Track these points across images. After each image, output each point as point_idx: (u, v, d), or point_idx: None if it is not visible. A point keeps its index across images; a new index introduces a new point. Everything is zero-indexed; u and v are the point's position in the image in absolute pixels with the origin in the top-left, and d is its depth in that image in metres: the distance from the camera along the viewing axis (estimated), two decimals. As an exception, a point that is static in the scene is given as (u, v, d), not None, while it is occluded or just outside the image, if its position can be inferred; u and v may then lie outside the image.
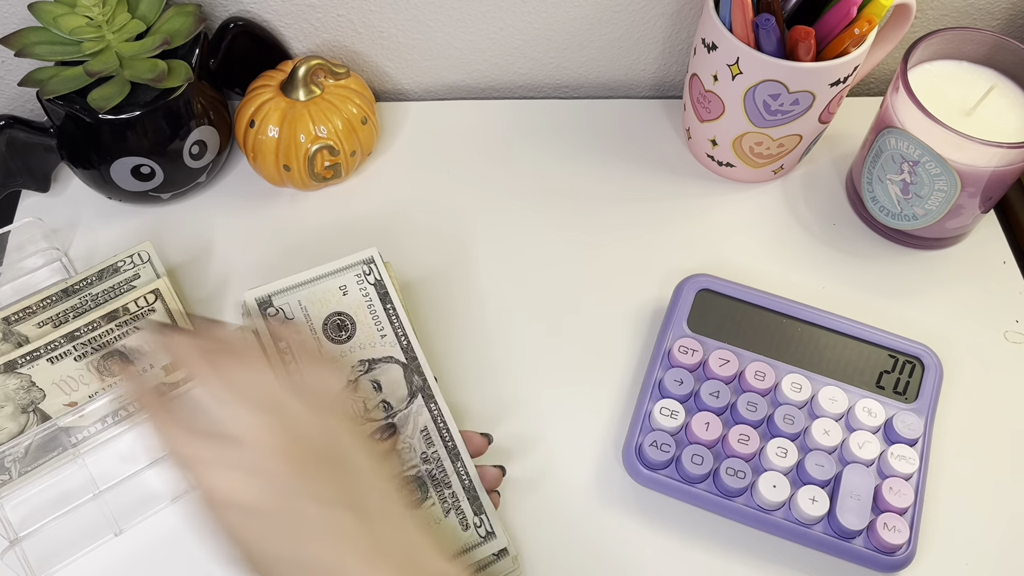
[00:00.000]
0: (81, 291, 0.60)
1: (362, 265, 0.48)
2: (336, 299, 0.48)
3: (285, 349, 0.46)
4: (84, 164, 0.62)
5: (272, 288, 0.47)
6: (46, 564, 0.52)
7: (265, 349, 0.46)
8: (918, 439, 0.54)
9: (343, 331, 0.48)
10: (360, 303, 0.49)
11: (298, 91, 0.63)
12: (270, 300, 0.47)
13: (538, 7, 0.68)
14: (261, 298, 0.47)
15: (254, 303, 0.48)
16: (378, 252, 0.49)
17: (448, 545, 0.48)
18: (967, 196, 0.59)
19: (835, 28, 0.58)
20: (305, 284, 0.48)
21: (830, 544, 0.51)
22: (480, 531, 0.49)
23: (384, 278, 0.48)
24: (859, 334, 0.57)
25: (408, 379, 0.49)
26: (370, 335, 0.48)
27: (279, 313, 0.48)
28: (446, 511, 0.49)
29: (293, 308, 0.47)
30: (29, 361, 0.57)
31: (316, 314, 0.47)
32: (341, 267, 0.48)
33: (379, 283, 0.48)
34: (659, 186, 0.69)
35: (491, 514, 0.49)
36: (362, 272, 0.48)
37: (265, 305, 0.47)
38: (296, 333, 0.48)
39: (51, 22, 0.57)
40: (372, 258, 0.49)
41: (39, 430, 0.54)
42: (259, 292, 0.47)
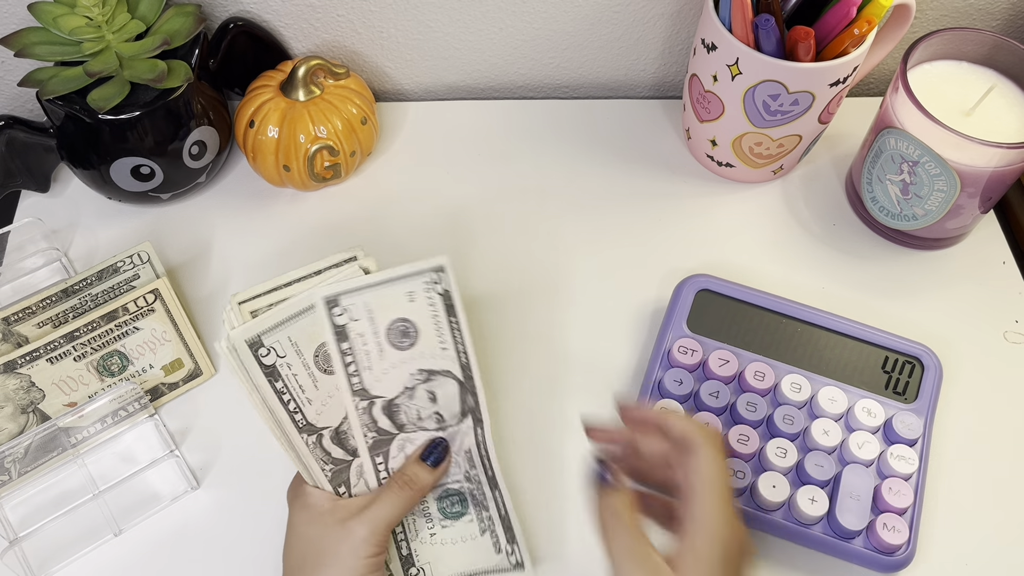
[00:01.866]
0: (81, 291, 0.60)
1: (431, 273, 0.47)
2: (402, 304, 0.47)
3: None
4: (84, 164, 0.62)
5: (342, 288, 0.46)
6: (46, 564, 0.52)
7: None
8: (918, 439, 0.54)
9: (407, 337, 0.47)
10: (425, 311, 0.47)
11: (298, 91, 0.63)
12: (337, 300, 0.46)
13: (538, 7, 0.68)
14: (330, 296, 0.46)
15: (323, 304, 0.46)
16: (449, 261, 0.47)
17: (481, 561, 0.48)
18: (967, 196, 0.59)
19: (835, 28, 0.58)
20: (372, 287, 0.46)
21: (830, 544, 0.51)
22: (511, 558, 0.49)
23: (452, 289, 0.47)
24: (859, 334, 0.57)
25: (463, 398, 0.49)
26: (432, 345, 0.48)
27: (345, 313, 0.46)
28: (482, 530, 0.49)
29: (359, 311, 0.46)
30: (29, 361, 0.57)
31: (381, 318, 0.47)
32: (410, 272, 0.46)
33: (446, 294, 0.47)
34: (659, 186, 0.69)
35: (522, 544, 0.49)
36: (431, 280, 0.47)
37: (332, 304, 0.46)
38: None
39: (51, 22, 0.57)
40: (443, 267, 0.47)
41: (39, 430, 0.54)
42: (328, 291, 0.45)
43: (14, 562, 0.51)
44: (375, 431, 0.48)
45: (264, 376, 0.45)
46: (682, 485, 0.42)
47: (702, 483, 0.41)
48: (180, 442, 0.57)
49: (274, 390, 0.45)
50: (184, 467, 0.55)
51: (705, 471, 0.41)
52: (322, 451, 0.47)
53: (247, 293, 0.48)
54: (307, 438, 0.47)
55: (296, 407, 0.46)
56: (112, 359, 0.58)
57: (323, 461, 0.47)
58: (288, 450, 0.47)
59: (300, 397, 0.46)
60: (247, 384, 0.45)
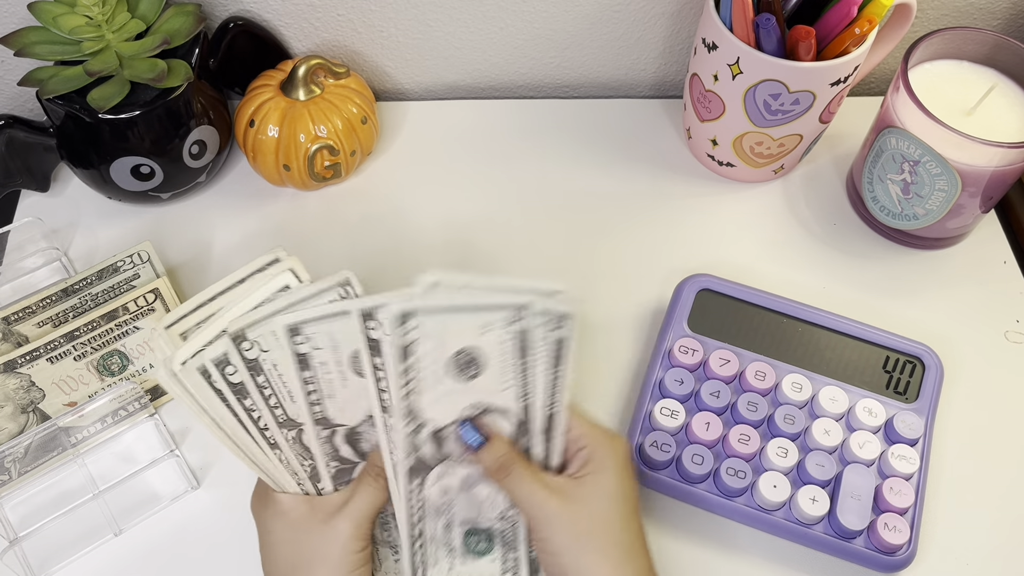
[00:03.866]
0: (81, 291, 0.60)
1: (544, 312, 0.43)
2: (473, 335, 0.44)
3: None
4: (84, 164, 0.62)
5: (415, 305, 0.42)
6: (46, 564, 0.52)
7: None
8: (918, 439, 0.54)
9: (470, 368, 0.45)
10: (496, 346, 0.44)
11: (298, 91, 0.63)
12: (411, 314, 0.43)
13: (538, 7, 0.68)
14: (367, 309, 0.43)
15: (394, 319, 0.42)
16: (570, 308, 0.43)
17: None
18: (967, 196, 0.59)
19: (835, 28, 0.58)
20: (449, 311, 0.43)
21: (830, 544, 0.51)
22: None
23: (570, 337, 0.43)
24: (859, 334, 0.57)
25: (517, 438, 0.46)
26: (495, 383, 0.45)
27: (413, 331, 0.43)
28: (504, 571, 0.47)
29: (427, 331, 0.43)
30: (29, 361, 0.57)
31: (449, 343, 0.44)
32: (510, 303, 0.43)
33: (562, 341, 0.43)
34: (659, 186, 0.69)
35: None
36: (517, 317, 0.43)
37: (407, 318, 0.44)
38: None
39: (51, 22, 0.57)
40: (566, 314, 0.43)
41: (39, 430, 0.54)
42: (401, 306, 0.42)
43: (14, 562, 0.51)
44: (337, 460, 0.47)
45: (218, 399, 0.44)
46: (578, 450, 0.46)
47: (593, 435, 0.45)
48: (180, 442, 0.57)
49: (243, 407, 0.45)
50: (184, 467, 0.55)
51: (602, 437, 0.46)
52: (331, 447, 0.47)
53: (173, 316, 0.46)
54: (279, 452, 0.46)
55: (266, 423, 0.45)
56: (112, 359, 0.58)
57: (329, 457, 0.47)
58: (250, 464, 0.46)
59: (282, 392, 0.45)
60: (198, 409, 0.44)
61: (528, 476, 0.44)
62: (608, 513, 0.43)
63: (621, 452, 0.45)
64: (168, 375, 0.43)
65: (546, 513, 0.43)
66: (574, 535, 0.43)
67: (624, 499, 0.44)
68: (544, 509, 0.43)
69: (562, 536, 0.43)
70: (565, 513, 0.43)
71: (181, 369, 0.43)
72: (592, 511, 0.43)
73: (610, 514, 0.43)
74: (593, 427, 0.46)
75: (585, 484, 0.44)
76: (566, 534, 0.43)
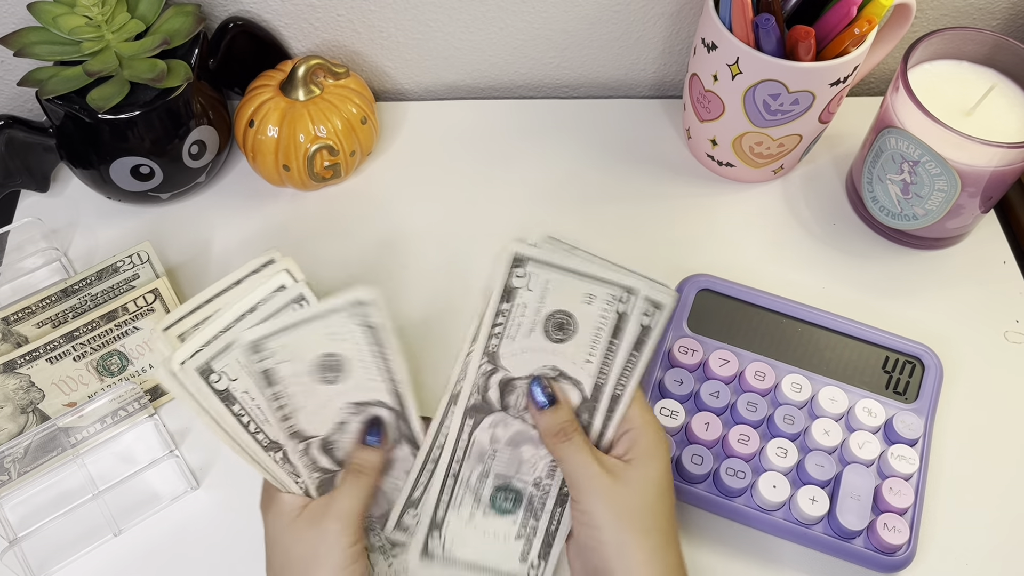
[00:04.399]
0: (80, 291, 0.60)
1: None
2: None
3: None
4: (83, 164, 0.62)
5: (267, 330, 0.44)
6: (45, 564, 0.52)
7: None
8: (918, 439, 0.54)
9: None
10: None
11: (297, 91, 0.63)
12: (262, 345, 0.45)
13: (538, 7, 0.68)
14: (255, 340, 0.44)
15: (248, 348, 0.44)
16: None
17: (501, 562, 0.48)
18: (967, 196, 0.59)
19: (835, 28, 0.58)
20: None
21: (830, 544, 0.51)
22: (532, 572, 0.48)
23: (378, 323, 0.44)
24: (859, 334, 0.57)
25: (580, 411, 0.47)
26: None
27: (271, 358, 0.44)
28: (519, 535, 0.48)
29: (285, 352, 0.44)
30: (28, 361, 0.57)
31: (307, 356, 0.45)
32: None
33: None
34: (659, 186, 0.69)
35: (551, 566, 0.48)
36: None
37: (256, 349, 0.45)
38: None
39: (50, 22, 0.57)
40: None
41: (38, 430, 0.54)
42: (253, 334, 0.43)
43: (14, 562, 0.51)
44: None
45: (219, 400, 0.44)
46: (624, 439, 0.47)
47: (646, 424, 0.46)
48: (180, 442, 0.57)
49: (232, 413, 0.45)
50: (184, 467, 0.55)
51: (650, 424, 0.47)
52: (291, 465, 0.47)
53: (171, 317, 0.46)
54: (273, 455, 0.46)
55: (257, 427, 0.46)
56: (112, 359, 0.58)
57: (293, 475, 0.47)
58: (253, 464, 0.46)
59: (258, 417, 0.45)
60: (198, 408, 0.44)
61: (584, 447, 0.45)
62: (654, 500, 0.45)
63: (667, 445, 0.47)
64: (167, 375, 0.43)
65: (595, 486, 0.44)
66: (618, 513, 0.44)
67: (669, 492, 0.46)
68: (595, 482, 0.44)
69: (607, 511, 0.44)
70: (614, 490, 0.44)
71: (180, 369, 0.44)
72: (639, 494, 0.44)
73: (656, 502, 0.45)
74: (646, 413, 0.47)
75: (635, 468, 0.45)
76: (611, 510, 0.44)
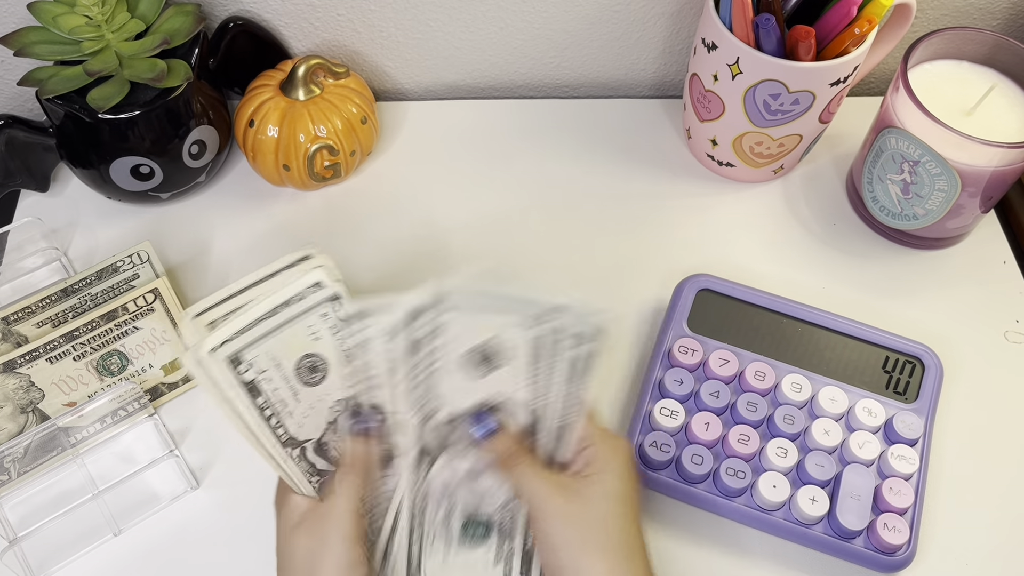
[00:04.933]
0: (80, 291, 0.60)
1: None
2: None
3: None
4: (83, 164, 0.62)
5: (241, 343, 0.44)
6: (45, 564, 0.52)
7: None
8: (918, 439, 0.54)
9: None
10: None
11: (298, 91, 0.63)
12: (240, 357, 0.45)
13: (538, 7, 0.68)
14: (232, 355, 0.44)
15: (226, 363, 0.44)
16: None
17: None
18: (967, 196, 0.59)
19: (835, 28, 0.58)
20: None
21: (830, 544, 0.51)
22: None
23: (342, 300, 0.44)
24: (859, 334, 0.57)
25: (528, 433, 0.47)
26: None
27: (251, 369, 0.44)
28: (497, 560, 0.48)
29: (264, 361, 0.45)
30: (28, 361, 0.57)
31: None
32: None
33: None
34: (659, 186, 0.69)
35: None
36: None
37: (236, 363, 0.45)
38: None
39: (50, 21, 0.57)
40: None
41: (38, 430, 0.54)
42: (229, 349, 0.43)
43: (13, 562, 0.51)
44: (422, 445, 0.47)
45: (245, 391, 0.44)
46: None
47: (597, 437, 0.46)
48: (180, 442, 0.57)
49: (255, 405, 0.45)
50: (184, 467, 0.55)
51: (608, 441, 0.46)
52: (307, 463, 0.47)
53: (201, 305, 0.46)
54: (291, 451, 0.46)
55: (278, 422, 0.46)
56: (112, 359, 0.58)
57: (309, 473, 0.47)
58: (269, 460, 0.46)
59: (281, 412, 0.45)
60: (221, 398, 0.44)
61: (534, 470, 0.45)
62: (608, 514, 0.44)
63: (624, 454, 0.46)
64: (195, 362, 0.43)
65: (549, 508, 0.44)
66: (574, 532, 0.43)
67: (625, 501, 0.44)
68: (547, 504, 0.44)
69: (563, 532, 0.43)
70: (567, 510, 0.43)
71: (208, 356, 0.43)
72: (593, 510, 0.44)
73: (610, 515, 0.44)
74: (598, 428, 0.46)
75: (589, 483, 0.44)
76: (567, 531, 0.43)
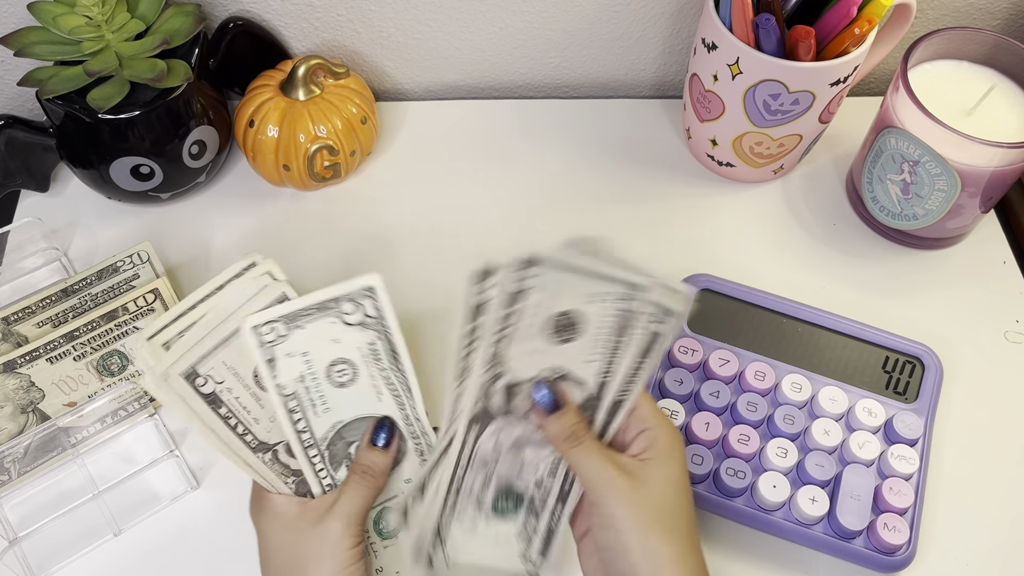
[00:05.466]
0: (80, 291, 0.60)
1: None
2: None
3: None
4: (83, 164, 0.62)
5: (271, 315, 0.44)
6: (45, 564, 0.52)
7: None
8: (918, 439, 0.54)
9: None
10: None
11: (298, 91, 0.63)
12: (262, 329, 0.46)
13: (538, 7, 0.68)
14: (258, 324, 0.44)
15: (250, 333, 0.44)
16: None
17: (501, 560, 0.48)
18: (967, 196, 0.59)
19: (835, 28, 0.58)
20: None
21: (830, 544, 0.51)
22: (530, 568, 0.48)
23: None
24: (859, 334, 0.57)
25: (582, 409, 0.47)
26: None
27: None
28: (519, 534, 0.48)
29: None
30: (28, 361, 0.57)
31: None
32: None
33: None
34: (659, 186, 0.69)
35: (550, 562, 0.48)
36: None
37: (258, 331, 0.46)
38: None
39: (50, 22, 0.57)
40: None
41: (38, 430, 0.54)
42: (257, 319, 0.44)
43: (14, 562, 0.51)
44: (482, 406, 0.46)
45: (206, 404, 0.44)
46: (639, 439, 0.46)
47: (661, 424, 0.45)
48: (180, 442, 0.57)
49: (219, 416, 0.45)
50: (184, 467, 0.55)
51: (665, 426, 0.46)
52: (280, 466, 0.47)
53: (154, 327, 0.46)
54: (263, 456, 0.46)
55: (245, 429, 0.46)
56: (112, 359, 0.58)
57: (283, 475, 0.47)
58: (244, 468, 0.46)
59: (246, 419, 0.46)
60: (187, 414, 0.44)
61: (597, 450, 0.44)
62: (675, 501, 0.44)
63: (682, 444, 0.46)
64: (154, 383, 0.43)
65: (614, 489, 0.43)
66: (641, 514, 0.43)
67: (687, 491, 0.44)
68: (613, 485, 0.43)
69: (629, 514, 0.43)
70: (634, 491, 0.43)
71: (165, 376, 0.43)
72: (660, 494, 0.43)
73: (677, 502, 0.44)
74: (658, 412, 0.46)
75: (652, 467, 0.44)
76: (633, 512, 0.43)
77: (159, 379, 0.43)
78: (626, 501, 0.43)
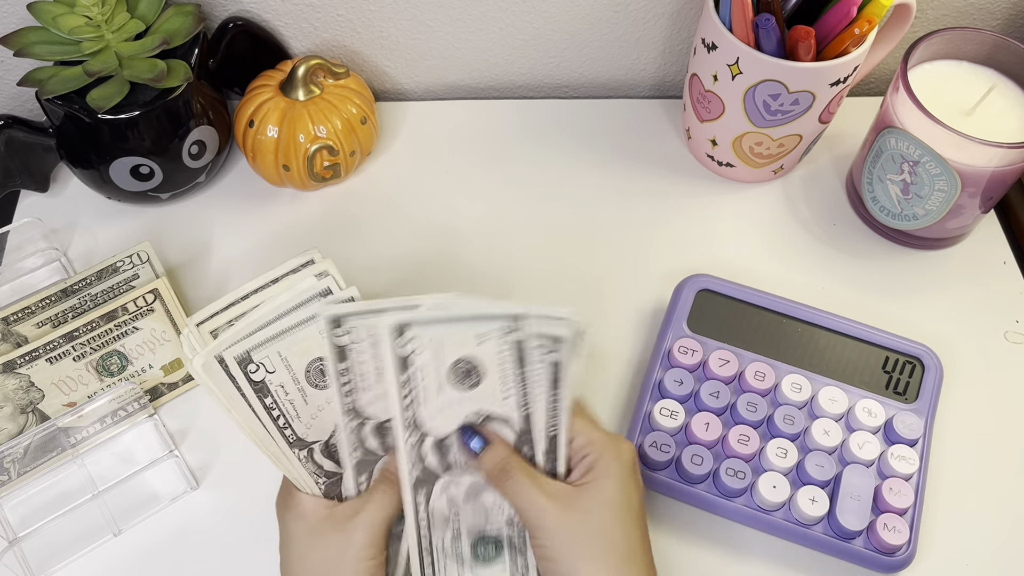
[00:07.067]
0: (80, 291, 0.60)
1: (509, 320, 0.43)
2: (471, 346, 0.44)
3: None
4: (83, 164, 0.62)
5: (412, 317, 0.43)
6: (45, 564, 0.52)
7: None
8: (918, 439, 0.54)
9: (468, 378, 0.45)
10: (494, 357, 0.44)
11: (297, 91, 0.63)
12: (406, 328, 0.44)
13: (538, 7, 0.68)
14: (400, 324, 0.43)
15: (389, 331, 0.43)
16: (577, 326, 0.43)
17: None
18: (967, 196, 0.59)
19: (835, 28, 0.58)
20: (449, 322, 0.44)
21: (830, 544, 0.51)
22: None
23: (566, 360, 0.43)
24: (859, 334, 0.57)
25: (518, 446, 0.46)
26: (493, 391, 0.45)
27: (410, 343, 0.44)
28: (510, 574, 0.47)
29: (425, 342, 0.44)
30: (28, 361, 0.57)
31: (446, 354, 0.44)
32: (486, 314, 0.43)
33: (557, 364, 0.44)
34: (659, 186, 0.69)
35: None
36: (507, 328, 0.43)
37: (398, 334, 0.43)
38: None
39: (50, 22, 0.57)
40: (519, 315, 0.43)
41: (38, 430, 0.54)
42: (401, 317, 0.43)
43: (13, 562, 0.51)
44: (420, 468, 0.46)
45: (254, 391, 0.44)
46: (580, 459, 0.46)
47: (596, 443, 0.45)
48: (179, 442, 0.57)
49: (263, 405, 0.45)
50: (184, 467, 0.55)
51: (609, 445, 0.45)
52: (314, 465, 0.47)
53: (204, 313, 0.46)
54: (298, 452, 0.46)
55: (286, 422, 0.46)
56: (111, 359, 0.58)
57: (316, 475, 0.47)
58: (277, 461, 0.46)
59: (289, 412, 0.46)
60: (228, 401, 0.44)
61: (527, 482, 0.44)
62: (608, 521, 0.43)
63: (626, 458, 0.45)
64: (202, 365, 0.43)
65: (544, 520, 0.43)
66: (572, 543, 0.42)
67: (626, 507, 0.44)
68: (543, 516, 0.43)
69: (560, 544, 0.42)
70: (564, 521, 0.43)
71: (216, 357, 0.43)
72: (592, 519, 0.43)
73: (610, 522, 0.43)
74: (598, 432, 0.45)
75: (586, 491, 0.44)
76: (564, 542, 0.42)
77: (211, 360, 0.43)
78: (556, 530, 0.42)
